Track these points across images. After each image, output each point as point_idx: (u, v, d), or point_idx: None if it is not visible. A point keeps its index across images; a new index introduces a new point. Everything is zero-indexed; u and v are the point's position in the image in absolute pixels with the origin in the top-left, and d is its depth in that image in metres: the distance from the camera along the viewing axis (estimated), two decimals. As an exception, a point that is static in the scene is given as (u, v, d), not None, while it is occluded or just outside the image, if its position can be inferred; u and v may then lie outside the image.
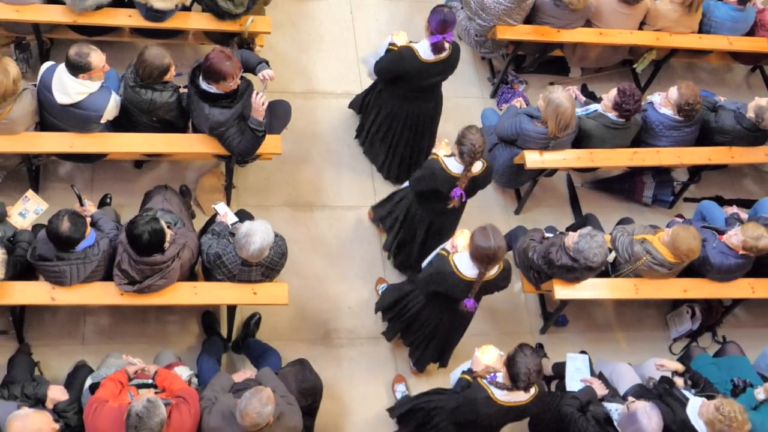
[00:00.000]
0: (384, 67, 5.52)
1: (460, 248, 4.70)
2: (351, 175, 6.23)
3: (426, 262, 4.96)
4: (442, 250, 4.80)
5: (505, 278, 4.88)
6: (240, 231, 4.62)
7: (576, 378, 5.19)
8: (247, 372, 4.85)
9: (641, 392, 5.01)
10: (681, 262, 5.23)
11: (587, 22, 6.50)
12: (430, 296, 4.95)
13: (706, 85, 7.14)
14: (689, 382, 5.05)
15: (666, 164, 6.10)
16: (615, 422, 4.76)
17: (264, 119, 5.19)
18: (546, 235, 5.44)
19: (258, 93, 5.11)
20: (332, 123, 6.43)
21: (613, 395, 5.05)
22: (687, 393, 4.85)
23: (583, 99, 6.12)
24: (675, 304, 6.04)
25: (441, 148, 5.08)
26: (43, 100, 5.10)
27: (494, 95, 6.85)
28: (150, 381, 4.55)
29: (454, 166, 4.95)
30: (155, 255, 4.60)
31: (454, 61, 5.52)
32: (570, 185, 6.55)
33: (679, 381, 5.03)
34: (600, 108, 5.82)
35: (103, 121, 5.18)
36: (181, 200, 5.44)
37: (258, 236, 4.56)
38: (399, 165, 6.08)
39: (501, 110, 6.54)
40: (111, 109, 5.14)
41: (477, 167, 4.98)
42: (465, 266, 4.64)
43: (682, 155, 6.02)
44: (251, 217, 5.13)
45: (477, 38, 6.56)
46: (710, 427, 4.54)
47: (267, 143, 5.32)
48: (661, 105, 5.92)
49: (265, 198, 6.02)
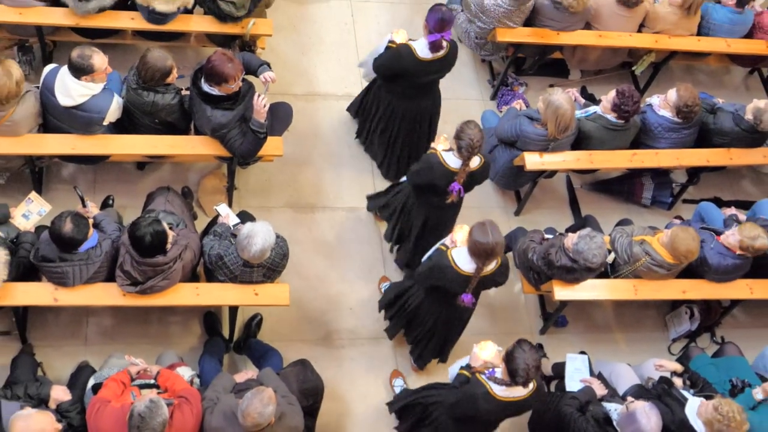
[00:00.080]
0: (382, 64, 5.55)
1: (459, 243, 4.72)
2: (352, 177, 6.25)
3: (426, 257, 4.99)
4: (442, 245, 4.83)
5: (503, 274, 4.89)
6: (242, 232, 4.64)
7: (575, 378, 5.20)
8: (249, 372, 4.86)
9: (640, 392, 5.02)
10: (680, 263, 5.25)
11: (587, 25, 6.51)
12: (429, 291, 4.97)
13: (705, 87, 7.16)
14: (688, 383, 5.06)
15: (665, 166, 6.11)
16: (614, 422, 4.77)
17: (265, 121, 5.20)
18: (545, 237, 5.46)
19: (259, 95, 5.13)
20: (333, 125, 6.45)
21: (613, 395, 5.06)
22: (686, 393, 4.87)
23: (583, 101, 6.14)
24: (674, 305, 6.05)
25: (440, 143, 5.10)
26: (46, 102, 5.12)
27: (494, 97, 6.87)
28: (152, 381, 4.56)
29: (452, 161, 4.98)
30: (157, 256, 4.62)
31: (452, 60, 5.54)
32: (569, 187, 6.57)
33: (678, 381, 5.05)
34: (599, 110, 5.84)
35: (106, 123, 5.19)
36: (183, 202, 5.46)
37: (259, 237, 4.58)
38: (398, 162, 6.09)
39: (501, 112, 6.57)
40: (113, 111, 5.16)
41: (475, 162, 4.99)
42: (463, 261, 4.67)
43: (681, 157, 6.04)
44: (253, 219, 5.16)
45: (477, 40, 6.59)
46: (709, 427, 4.55)
47: (268, 145, 5.34)
48: (660, 107, 5.94)
49: (267, 199, 6.04)
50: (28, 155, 5.34)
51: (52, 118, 5.17)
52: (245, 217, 5.19)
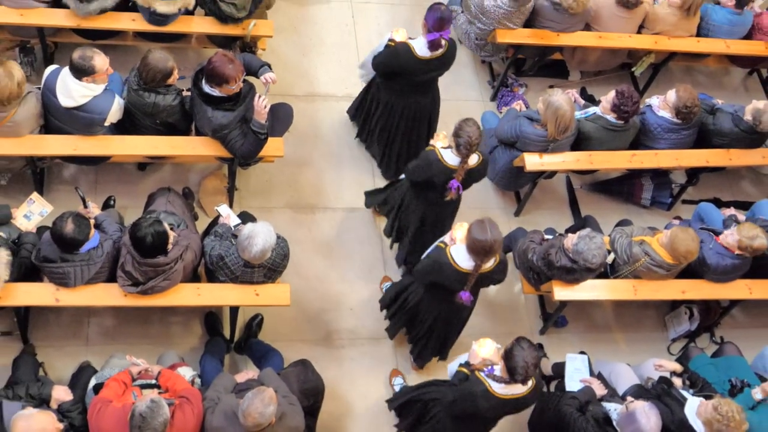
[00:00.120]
0: (381, 62, 5.58)
1: (458, 241, 4.74)
2: (352, 177, 6.26)
3: (425, 254, 5.01)
4: (441, 242, 4.85)
5: (501, 271, 4.90)
6: (242, 233, 4.65)
7: (575, 378, 5.21)
8: (250, 372, 4.88)
9: (640, 392, 5.03)
10: (679, 264, 5.26)
11: (586, 26, 6.53)
12: (428, 288, 4.99)
13: (704, 88, 7.18)
14: (687, 382, 5.07)
15: (664, 166, 6.12)
16: (614, 422, 4.78)
17: (266, 122, 5.21)
18: (545, 237, 5.48)
19: (260, 96, 5.13)
20: (333, 126, 6.47)
21: (612, 395, 5.07)
22: (685, 393, 4.88)
23: (582, 102, 6.14)
24: (673, 305, 6.07)
25: (439, 140, 5.12)
26: (48, 103, 5.13)
27: (494, 98, 6.89)
28: (153, 381, 4.57)
29: (450, 158, 4.99)
30: (158, 257, 4.63)
31: (451, 58, 5.56)
32: (569, 187, 6.58)
33: (678, 381, 5.05)
34: (599, 110, 5.85)
35: (107, 124, 5.20)
36: (184, 202, 5.47)
37: (260, 238, 4.59)
38: (396, 160, 6.10)
39: (501, 113, 6.58)
40: (114, 112, 5.17)
41: (473, 160, 5.01)
42: (461, 258, 4.68)
43: (680, 157, 6.05)
44: (253, 219, 5.17)
45: (477, 42, 6.60)
46: (708, 427, 4.56)
47: (269, 146, 5.35)
48: (660, 108, 5.95)
49: (267, 200, 6.05)
50: (30, 156, 5.36)
51: (54, 119, 5.19)
52: (246, 218, 5.20)
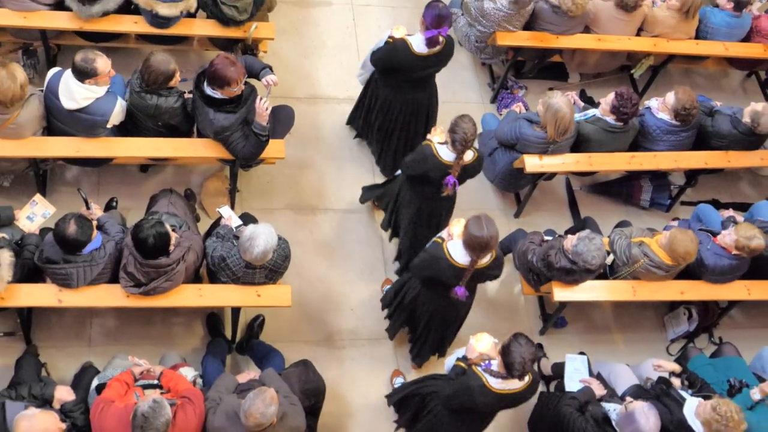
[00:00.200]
0: (380, 58, 5.61)
1: (455, 236, 4.76)
2: (353, 179, 6.28)
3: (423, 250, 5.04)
4: (438, 238, 4.88)
5: (497, 267, 4.92)
6: (244, 234, 4.66)
7: (575, 378, 5.22)
8: (251, 373, 4.90)
9: (639, 392, 5.04)
10: (678, 265, 5.27)
11: (586, 29, 6.55)
12: (425, 283, 5.01)
13: (703, 91, 7.20)
14: (686, 383, 5.08)
15: (663, 168, 6.14)
16: (613, 422, 4.80)
17: (267, 124, 5.24)
18: (545, 238, 5.50)
19: (262, 98, 5.15)
20: (334, 127, 6.49)
21: (612, 395, 5.08)
22: (684, 393, 4.89)
23: (582, 104, 6.16)
24: (672, 306, 6.08)
25: (435, 135, 5.14)
26: (50, 105, 5.15)
27: (494, 100, 6.91)
28: (155, 382, 4.58)
29: (446, 154, 5.02)
30: (160, 258, 4.64)
31: (448, 55, 5.59)
32: (569, 189, 6.60)
33: (676, 381, 5.06)
34: (598, 112, 5.87)
35: (109, 126, 5.22)
36: (186, 204, 5.48)
37: (261, 239, 4.61)
38: (394, 156, 6.11)
39: (501, 115, 6.59)
40: (117, 114, 5.19)
41: (468, 156, 5.04)
42: (458, 253, 4.71)
43: (679, 159, 6.07)
44: (255, 221, 5.19)
45: (477, 44, 6.62)
46: (707, 427, 4.58)
47: (270, 148, 5.37)
48: (659, 110, 5.97)
49: (269, 201, 6.07)
50: (33, 158, 5.38)
51: (56, 121, 5.20)
52: (248, 219, 5.22)
